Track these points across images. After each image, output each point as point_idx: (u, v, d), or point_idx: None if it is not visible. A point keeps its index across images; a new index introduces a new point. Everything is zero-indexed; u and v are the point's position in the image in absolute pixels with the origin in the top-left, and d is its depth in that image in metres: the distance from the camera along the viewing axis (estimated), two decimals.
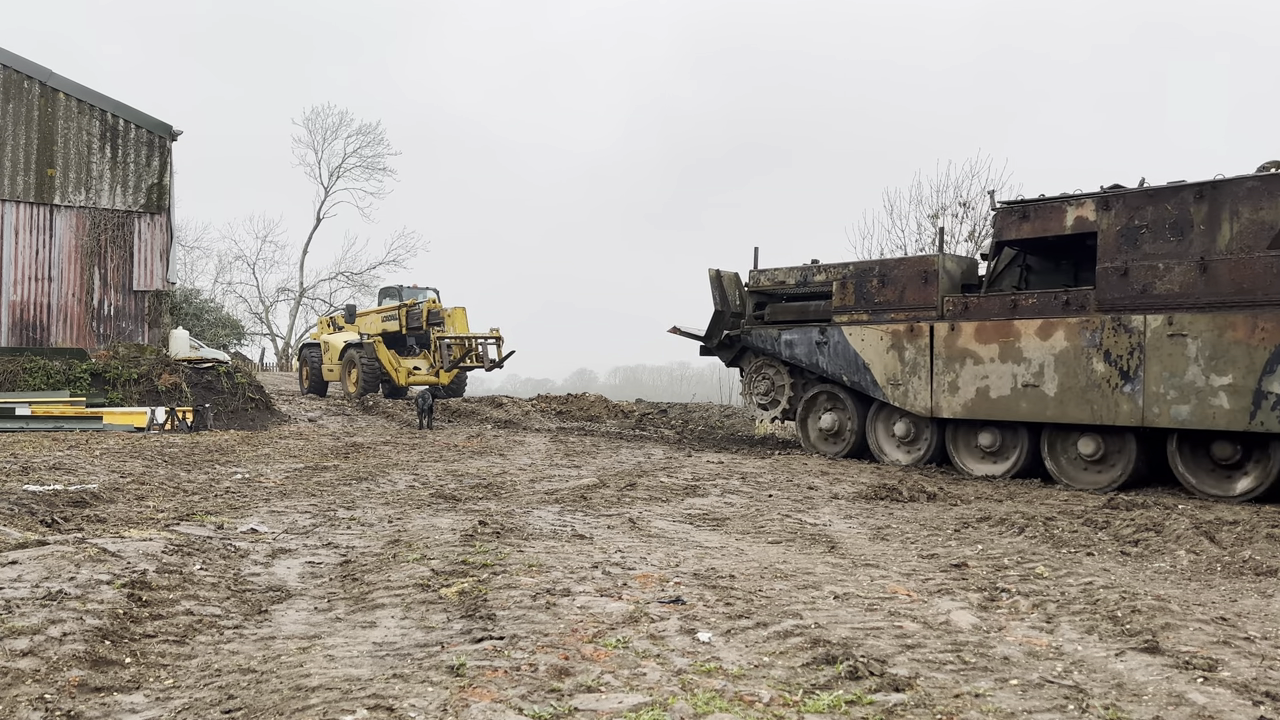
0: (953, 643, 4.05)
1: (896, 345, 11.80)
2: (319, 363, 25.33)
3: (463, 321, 22.81)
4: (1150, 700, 3.37)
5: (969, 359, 11.05)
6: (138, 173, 19.94)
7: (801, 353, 12.97)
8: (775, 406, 13.69)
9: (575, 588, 4.89)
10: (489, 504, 8.03)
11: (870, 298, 12.22)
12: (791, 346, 13.10)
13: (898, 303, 11.92)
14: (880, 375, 11.97)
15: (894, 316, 11.93)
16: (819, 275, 13.03)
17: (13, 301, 18.98)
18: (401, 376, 22.86)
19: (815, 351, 12.76)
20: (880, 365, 11.97)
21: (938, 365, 11.35)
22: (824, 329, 12.65)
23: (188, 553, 5.43)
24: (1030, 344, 10.53)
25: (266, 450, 12.21)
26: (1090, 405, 10.02)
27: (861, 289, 12.32)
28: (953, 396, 11.18)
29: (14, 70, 19.02)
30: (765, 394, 13.81)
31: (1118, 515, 7.26)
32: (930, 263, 11.74)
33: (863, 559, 6.03)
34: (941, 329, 11.36)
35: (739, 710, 3.23)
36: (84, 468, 9.44)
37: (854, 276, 12.46)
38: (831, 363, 12.55)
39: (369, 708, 3.14)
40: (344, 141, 58.11)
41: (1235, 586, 5.45)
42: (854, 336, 12.29)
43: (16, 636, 3.74)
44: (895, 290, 11.97)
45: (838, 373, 12.49)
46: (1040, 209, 10.67)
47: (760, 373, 13.91)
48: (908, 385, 11.67)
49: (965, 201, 24.88)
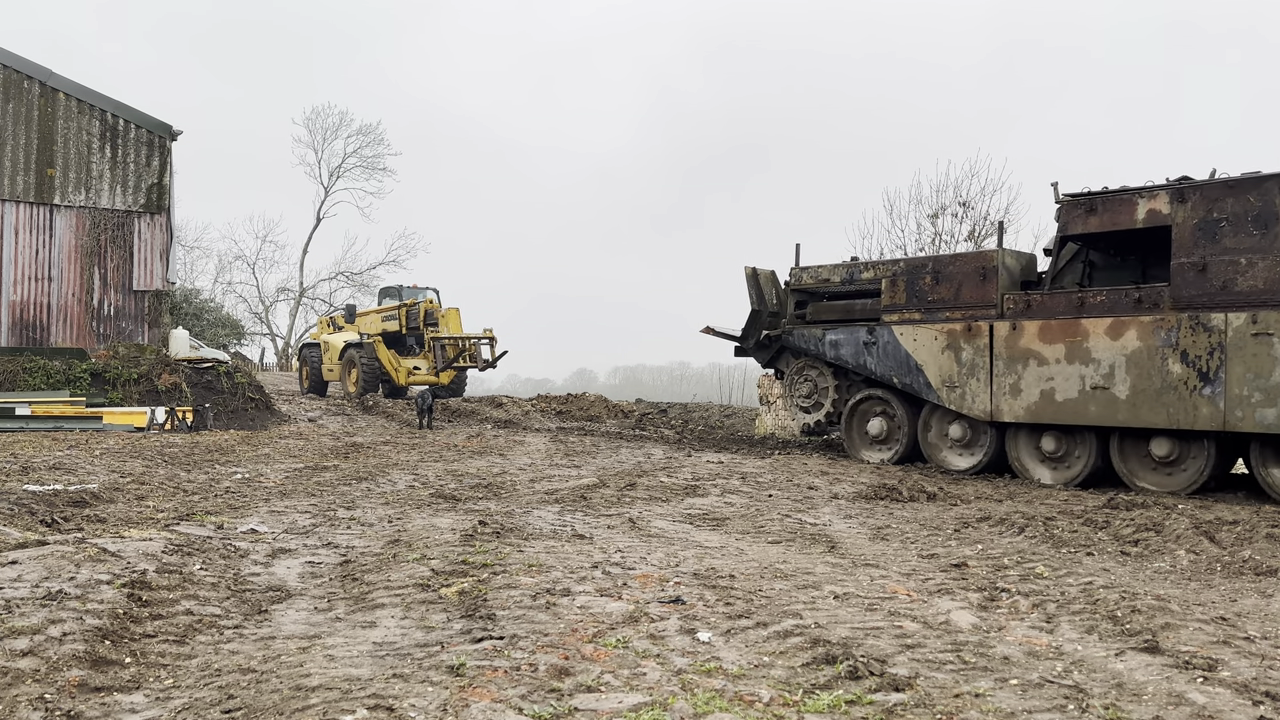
0: (953, 642, 4.05)
1: (952, 345, 11.23)
2: (319, 363, 25.34)
3: (456, 322, 23.05)
4: (1150, 700, 3.37)
5: (1032, 360, 10.49)
6: (138, 173, 19.94)
7: (847, 353, 12.36)
8: (818, 410, 13.07)
9: (575, 588, 4.89)
10: (489, 504, 8.03)
11: (923, 295, 11.64)
12: (837, 347, 12.48)
13: (953, 301, 11.35)
14: (935, 377, 11.39)
15: (949, 315, 11.36)
16: (866, 272, 12.45)
17: (13, 301, 18.98)
18: (401, 376, 22.89)
19: (863, 352, 12.14)
20: (935, 367, 11.39)
21: (998, 366, 10.79)
22: (872, 329, 12.06)
23: (188, 553, 5.43)
24: (1099, 344, 9.98)
25: (266, 450, 12.21)
26: (1166, 408, 9.48)
27: (913, 286, 11.73)
28: (1014, 399, 10.62)
29: (14, 70, 19.02)
30: (807, 397, 13.18)
31: (1118, 515, 7.26)
32: (989, 258, 11.16)
33: (863, 559, 6.03)
34: (1002, 328, 10.79)
35: (739, 710, 3.23)
36: (84, 468, 9.44)
37: (905, 273, 11.86)
38: (881, 364, 11.93)
39: (369, 708, 3.14)
40: (344, 141, 58.16)
41: (1235, 586, 5.45)
42: (905, 336, 11.69)
43: (16, 636, 3.74)
44: (950, 287, 11.38)
45: (887, 374, 11.88)
46: (1109, 202, 10.14)
47: (802, 374, 13.27)
48: (965, 387, 11.11)
49: (965, 201, 24.89)
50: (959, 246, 24.65)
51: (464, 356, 22.87)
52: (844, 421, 12.76)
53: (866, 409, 12.53)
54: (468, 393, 25.65)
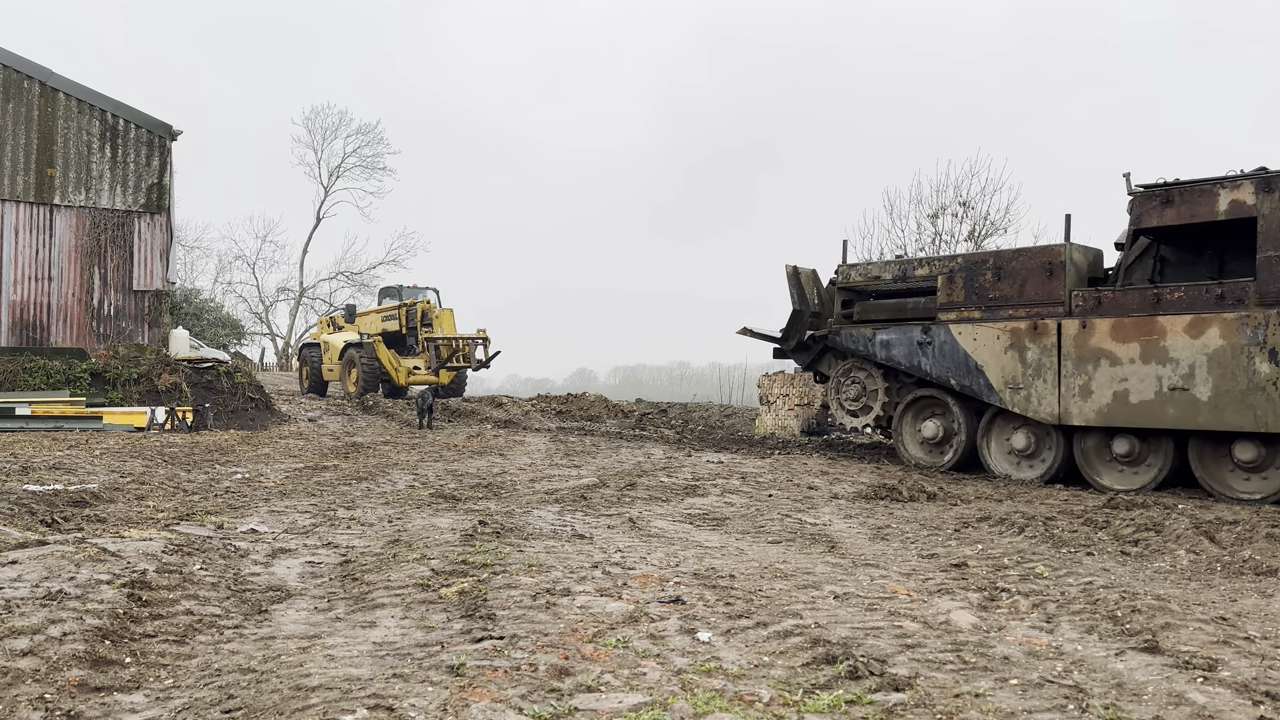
0: (953, 642, 4.05)
1: (1016, 345, 10.67)
2: (319, 362, 25.35)
3: (450, 323, 23.17)
4: (1150, 700, 3.37)
5: (1104, 360, 9.96)
6: (137, 172, 19.94)
7: (900, 354, 11.77)
8: (866, 413, 12.44)
9: (575, 587, 4.89)
10: (489, 504, 8.03)
11: (983, 293, 11.10)
12: (888, 347, 11.89)
13: (1017, 298, 10.79)
14: (997, 378, 10.82)
15: (1012, 313, 10.81)
16: (921, 269, 11.88)
17: (13, 301, 18.99)
18: (401, 376, 22.93)
19: (917, 353, 11.55)
20: (997, 367, 10.83)
21: (1066, 367, 10.24)
22: (927, 328, 11.48)
23: (188, 553, 5.43)
24: (1178, 342, 9.46)
25: (266, 450, 12.21)
26: (1253, 410, 9.00)
27: (972, 283, 11.19)
28: (1085, 402, 10.08)
29: (14, 70, 19.02)
30: (855, 399, 12.53)
31: (1117, 515, 7.26)
32: (1055, 254, 10.59)
33: (863, 559, 6.03)
34: (1071, 327, 10.26)
35: (739, 710, 3.23)
36: (84, 468, 9.44)
37: (963, 270, 11.33)
38: (937, 365, 11.37)
39: (369, 708, 3.14)
40: (344, 141, 58.22)
41: (1235, 586, 5.45)
42: (964, 336, 11.13)
43: (16, 636, 3.74)
44: (1013, 284, 10.82)
45: (944, 375, 11.31)
46: (1187, 193, 9.67)
47: (849, 376, 12.63)
48: (1030, 389, 10.53)
49: (965, 201, 24.91)
50: (959, 247, 24.66)
51: (458, 356, 22.96)
52: (895, 425, 12.20)
53: (920, 411, 11.97)
54: (468, 392, 25.71)
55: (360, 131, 58.54)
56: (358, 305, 29.14)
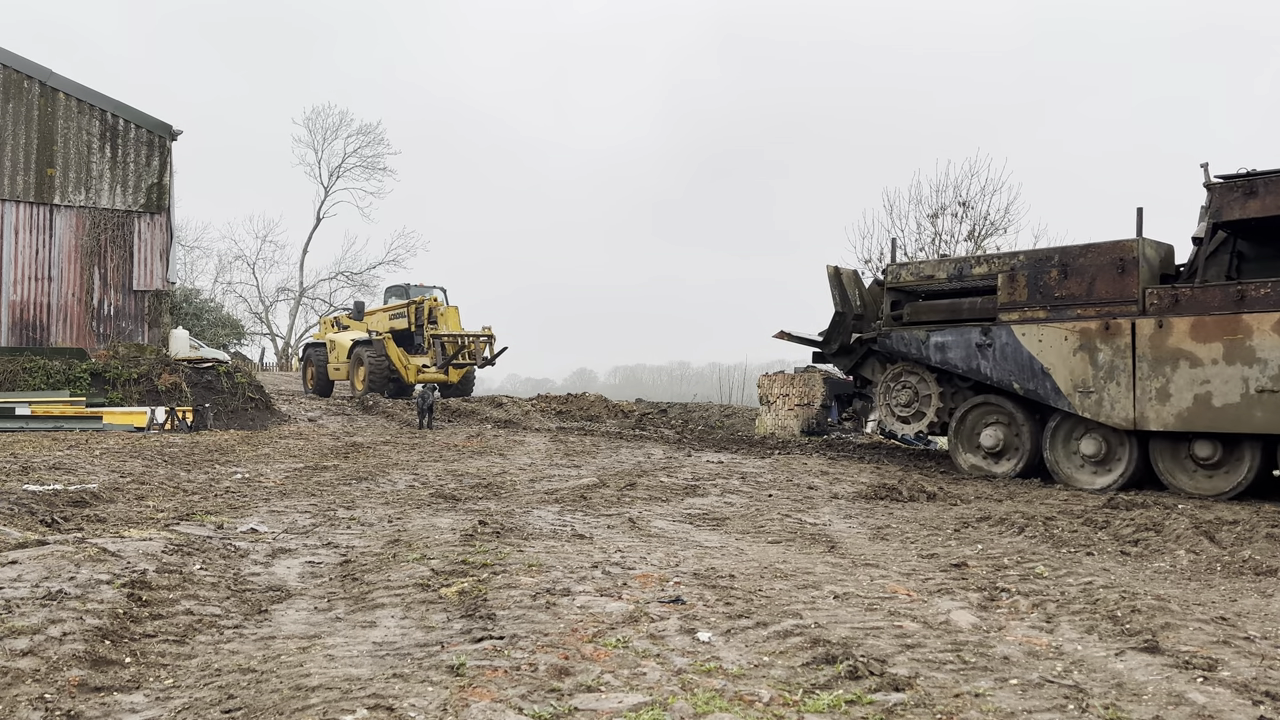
0: (953, 642, 4.05)
1: (1086, 346, 10.08)
2: (325, 362, 25.07)
3: (455, 320, 23.09)
4: (1150, 700, 3.37)
5: (1184, 361, 9.41)
6: (137, 172, 19.94)
7: (957, 357, 11.12)
8: (919, 420, 11.76)
9: (575, 587, 4.89)
10: (489, 504, 8.03)
11: (1048, 292, 10.50)
12: (944, 350, 11.25)
13: (1085, 297, 10.20)
14: (1064, 382, 10.20)
15: (1081, 313, 10.21)
16: (979, 267, 11.29)
17: (13, 301, 18.98)
18: (410, 374, 22.76)
19: (975, 355, 10.93)
20: (1064, 370, 10.22)
21: (1142, 369, 9.66)
22: (987, 329, 10.85)
23: (188, 553, 5.43)
24: (1267, 342, 8.97)
25: (266, 450, 12.21)
26: None
27: (1036, 282, 10.59)
28: (1163, 405, 9.50)
29: (14, 70, 19.02)
30: (906, 405, 11.83)
31: (1117, 515, 7.26)
32: (1128, 249, 9.98)
33: (862, 559, 6.03)
34: (1145, 326, 9.68)
35: (739, 710, 3.23)
36: (84, 468, 9.44)
37: (1026, 267, 10.72)
38: (998, 368, 10.75)
39: (369, 707, 3.14)
40: (344, 141, 58.24)
41: (1235, 586, 5.45)
42: (1028, 337, 10.52)
43: (16, 636, 3.74)
44: (1082, 282, 10.24)
45: (1005, 379, 10.69)
46: (1273, 183, 9.19)
47: (900, 381, 11.94)
48: (1102, 393, 9.93)
49: (965, 201, 24.93)
50: (959, 247, 24.67)
51: (463, 354, 22.91)
52: (951, 432, 11.51)
53: (978, 418, 11.27)
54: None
55: (361, 132, 58.59)
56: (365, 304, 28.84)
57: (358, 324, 25.89)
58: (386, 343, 23.06)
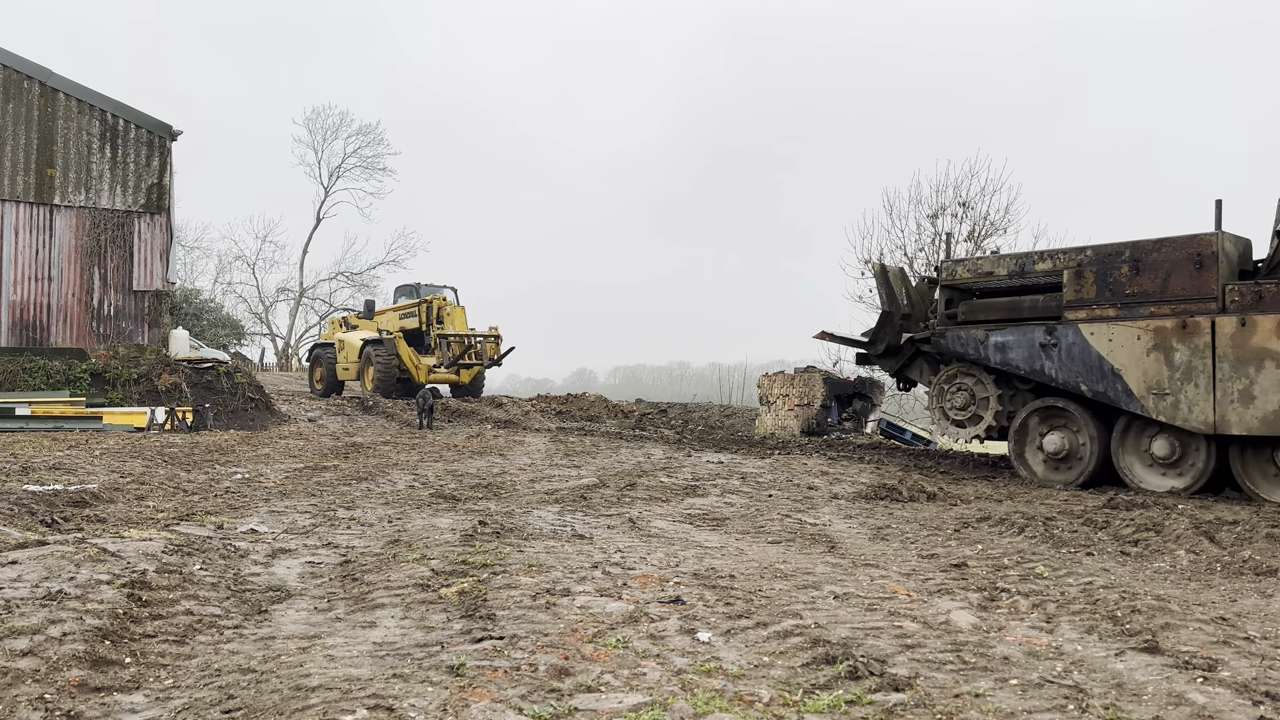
0: (953, 643, 4.05)
1: (1161, 346, 9.58)
2: (333, 362, 24.56)
3: (462, 321, 22.97)
4: (1150, 700, 3.37)
5: (1269, 361, 8.95)
6: (137, 173, 19.94)
7: (1018, 357, 10.60)
8: (976, 423, 11.22)
9: (575, 588, 4.89)
10: (489, 504, 8.03)
11: (1119, 288, 10.02)
12: (1004, 350, 10.72)
13: (1159, 294, 9.72)
14: (1137, 383, 9.68)
15: (1155, 310, 9.72)
16: (1042, 263, 10.77)
17: (13, 301, 18.98)
18: (421, 374, 22.44)
19: (1039, 356, 10.42)
20: (1137, 371, 9.70)
21: (1222, 370, 9.20)
22: (1052, 328, 10.34)
23: (188, 553, 5.43)
24: None
25: (266, 450, 12.21)
26: None
27: (1105, 278, 10.09)
28: (1246, 408, 9.01)
29: (14, 70, 19.02)
30: (962, 408, 11.30)
31: (1117, 515, 7.26)
32: (1206, 243, 9.47)
33: (862, 559, 6.03)
34: (1226, 324, 9.19)
35: (739, 710, 3.23)
36: (84, 468, 9.44)
37: (1094, 263, 10.22)
38: (1063, 369, 10.24)
39: (369, 708, 3.14)
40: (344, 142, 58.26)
41: (1235, 586, 5.45)
42: (1097, 336, 10.00)
43: (16, 636, 3.74)
44: (1155, 278, 9.75)
45: (1072, 381, 10.18)
46: None
47: (955, 382, 11.40)
48: (1179, 395, 9.44)
49: (965, 201, 24.93)
50: (958, 248, 24.67)
51: (471, 354, 22.80)
52: (1012, 437, 10.93)
53: (1040, 422, 10.76)
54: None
55: (361, 132, 58.58)
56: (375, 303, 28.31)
57: (367, 323, 25.42)
58: (398, 342, 22.67)
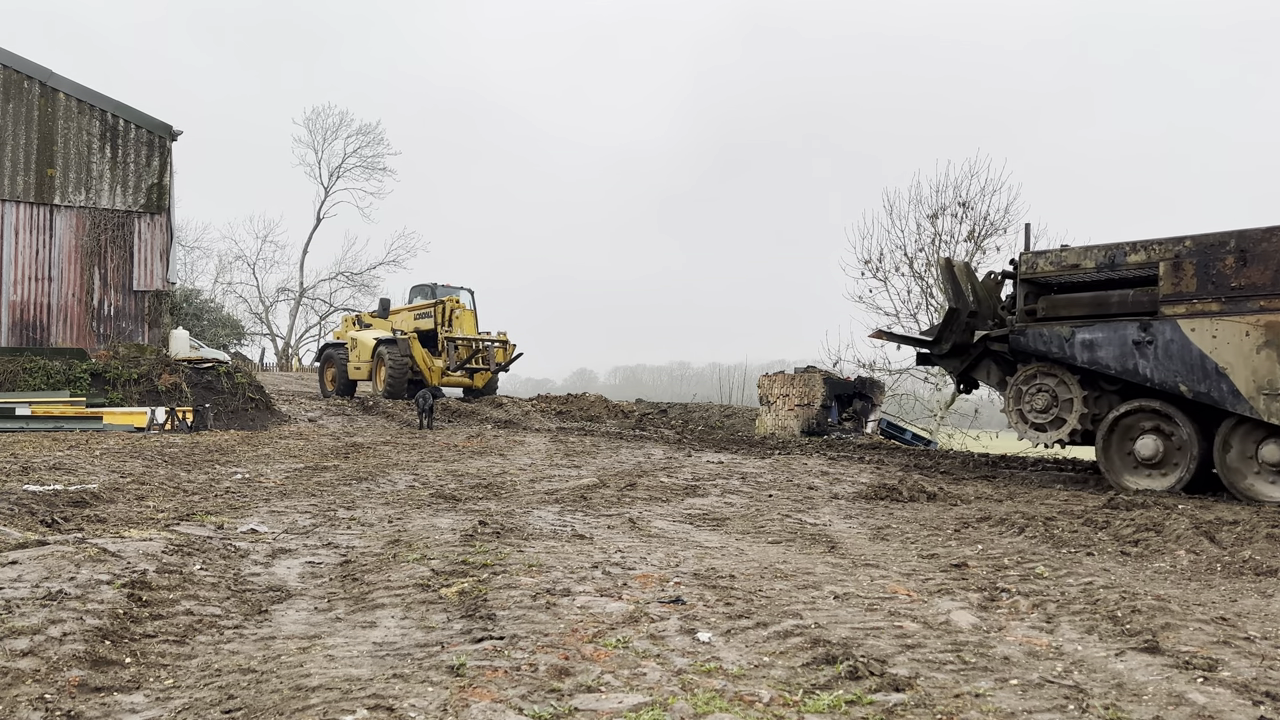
0: (953, 643, 4.05)
1: (1274, 343, 9.01)
2: (345, 362, 24.10)
3: (470, 324, 22.83)
4: (1150, 700, 3.37)
5: None
6: (138, 173, 19.94)
7: (1109, 356, 9.96)
8: (1058, 426, 10.51)
9: (575, 588, 4.89)
10: (489, 504, 8.03)
11: (1223, 281, 9.38)
12: (1092, 348, 10.09)
13: (1270, 286, 9.09)
14: (1245, 383, 9.08)
15: (1265, 305, 9.11)
16: (1135, 254, 10.05)
17: (13, 301, 18.98)
18: (435, 376, 22.17)
19: (1132, 354, 9.78)
20: (1245, 370, 9.11)
21: None
22: (1147, 324, 9.72)
23: (188, 553, 5.43)
24: None
25: (266, 450, 12.21)
26: None
27: (1208, 270, 9.46)
28: None
29: (14, 70, 19.02)
30: (1043, 411, 10.64)
31: (1118, 515, 7.26)
32: None
33: (863, 559, 6.03)
34: None
35: (739, 710, 3.23)
36: (84, 468, 9.44)
37: (1194, 254, 9.56)
38: (1160, 368, 9.61)
39: (369, 708, 3.14)
40: (344, 142, 58.29)
41: (1235, 586, 5.45)
42: (1199, 333, 9.40)
43: (16, 636, 3.74)
44: (1265, 270, 9.12)
45: (1170, 381, 9.55)
46: None
47: (1035, 383, 10.74)
48: None
49: (965, 201, 24.92)
50: (958, 247, 24.67)
51: (478, 358, 22.69)
52: (1100, 443, 10.26)
53: (1131, 425, 10.11)
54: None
55: (361, 132, 58.64)
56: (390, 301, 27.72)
57: (381, 322, 24.85)
58: (412, 343, 22.27)
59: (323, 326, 58.32)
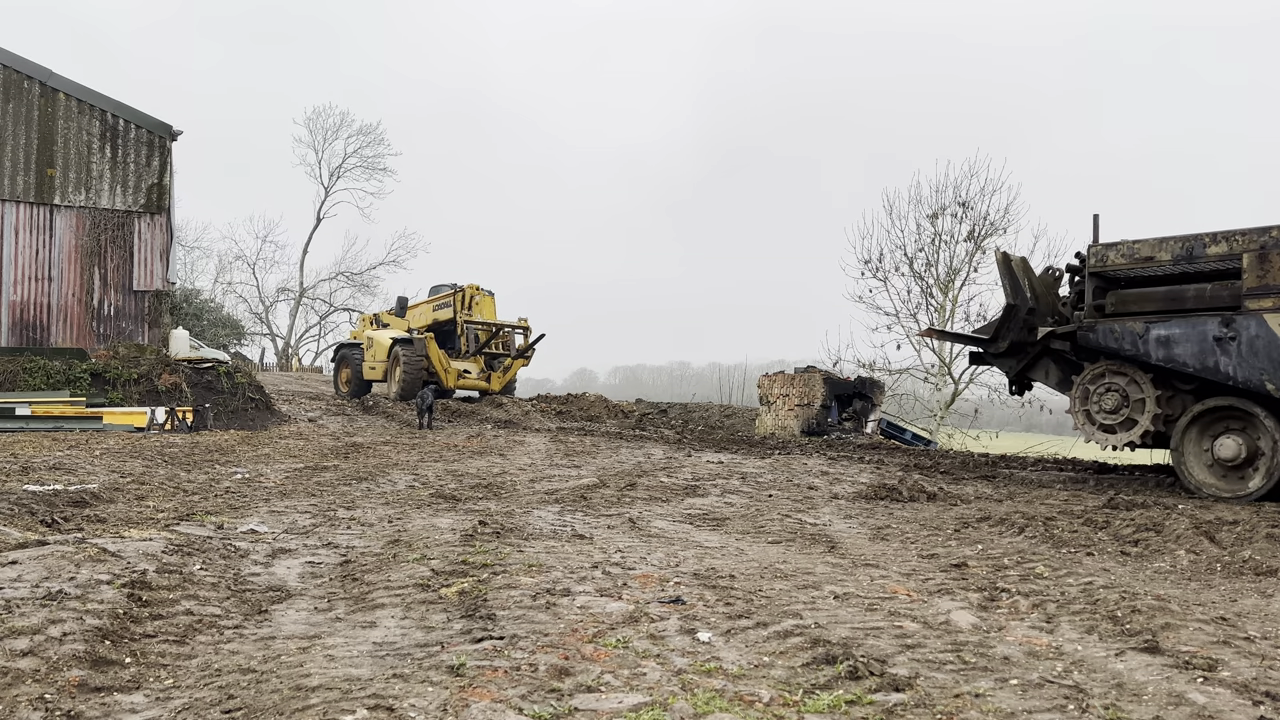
0: (953, 643, 4.05)
1: None
2: (360, 362, 23.59)
3: (490, 309, 22.65)
4: (1150, 700, 3.37)
5: None
6: (138, 173, 19.94)
7: (1186, 353, 9.46)
8: (1129, 428, 9.93)
9: (575, 588, 4.89)
10: (489, 504, 8.03)
11: None
12: (1168, 345, 9.56)
13: None
14: None
15: None
16: (1216, 246, 9.51)
17: (13, 301, 18.98)
18: (450, 379, 21.68)
19: (1212, 351, 9.31)
20: None
21: None
22: (1229, 319, 9.23)
23: (188, 553, 5.43)
24: None
25: (266, 450, 12.21)
26: None
27: None
28: None
29: (14, 70, 19.02)
30: (1113, 411, 10.05)
31: (1118, 515, 7.26)
32: None
33: (863, 559, 6.03)
34: None
35: (739, 710, 3.23)
36: (84, 468, 9.44)
37: None
38: (1244, 366, 9.12)
39: (369, 708, 3.14)
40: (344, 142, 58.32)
41: (1235, 586, 5.45)
42: None
43: (16, 636, 3.74)
44: None
45: (1255, 379, 9.05)
46: None
47: (1103, 382, 10.18)
48: None
49: (965, 201, 24.92)
50: (959, 247, 24.67)
51: (496, 344, 22.53)
52: (1176, 444, 9.73)
53: (1210, 426, 9.62)
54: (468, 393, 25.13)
55: (361, 132, 58.68)
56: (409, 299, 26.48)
57: (399, 322, 24.26)
58: (428, 342, 21.66)
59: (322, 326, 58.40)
